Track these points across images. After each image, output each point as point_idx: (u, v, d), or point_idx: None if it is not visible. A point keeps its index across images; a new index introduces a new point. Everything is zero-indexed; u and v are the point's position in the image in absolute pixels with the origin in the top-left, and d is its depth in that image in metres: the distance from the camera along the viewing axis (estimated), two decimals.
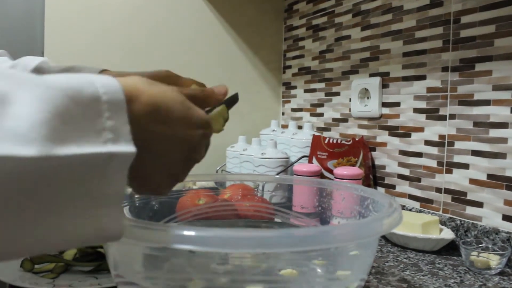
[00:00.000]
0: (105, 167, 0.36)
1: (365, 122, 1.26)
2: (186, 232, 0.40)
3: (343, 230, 0.44)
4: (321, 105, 1.45)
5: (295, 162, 1.26)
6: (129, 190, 0.69)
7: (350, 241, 0.46)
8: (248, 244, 0.40)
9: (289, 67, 1.63)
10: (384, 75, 1.19)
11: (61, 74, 0.37)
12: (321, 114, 1.45)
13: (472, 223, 0.94)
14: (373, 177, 1.22)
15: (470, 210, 0.97)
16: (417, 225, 0.93)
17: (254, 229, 0.75)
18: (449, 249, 0.94)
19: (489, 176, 0.93)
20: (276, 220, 0.83)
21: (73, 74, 0.37)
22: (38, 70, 0.70)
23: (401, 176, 1.14)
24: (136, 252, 0.52)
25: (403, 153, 1.14)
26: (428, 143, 1.07)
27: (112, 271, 0.54)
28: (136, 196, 0.76)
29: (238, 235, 0.40)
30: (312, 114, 1.50)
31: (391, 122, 1.18)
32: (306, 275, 0.49)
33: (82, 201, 0.36)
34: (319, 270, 0.52)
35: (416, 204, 1.10)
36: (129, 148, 0.37)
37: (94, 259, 0.72)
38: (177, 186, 0.93)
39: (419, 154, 1.09)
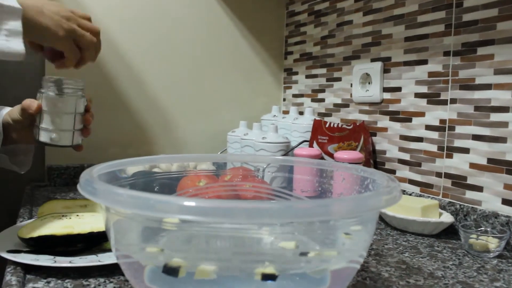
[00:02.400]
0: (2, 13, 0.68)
1: (366, 107, 1.26)
2: (186, 203, 0.41)
3: (342, 204, 0.44)
4: (322, 91, 1.45)
5: (296, 146, 1.26)
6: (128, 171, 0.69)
7: (348, 214, 0.46)
8: (247, 214, 0.40)
9: (291, 53, 1.62)
10: (386, 60, 1.19)
11: None
12: (322, 100, 1.45)
13: (472, 207, 0.95)
14: (373, 162, 1.22)
15: (470, 194, 0.97)
16: (416, 209, 0.93)
17: (253, 201, 0.76)
18: (448, 233, 0.94)
19: (489, 160, 0.93)
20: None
21: None
22: None
23: (402, 161, 1.14)
24: (135, 227, 0.52)
25: (404, 138, 1.14)
26: (428, 127, 1.07)
27: (113, 247, 0.54)
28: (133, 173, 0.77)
29: (239, 205, 0.40)
30: (313, 100, 1.50)
31: (392, 107, 1.17)
32: (303, 249, 0.50)
33: None
34: (317, 247, 0.52)
35: (416, 189, 1.10)
36: (16, 5, 0.70)
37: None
38: (179, 168, 0.93)
39: (419, 139, 1.09)
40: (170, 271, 0.45)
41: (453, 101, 1.00)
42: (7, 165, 0.95)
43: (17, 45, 0.70)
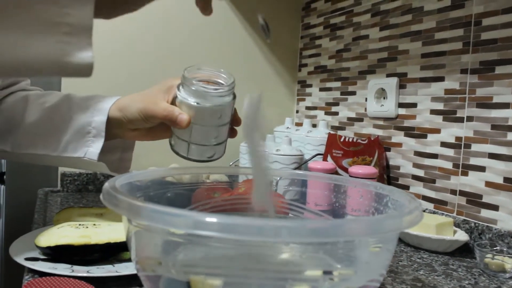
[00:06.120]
0: None
1: (381, 122, 1.26)
2: (208, 219, 0.41)
3: (363, 224, 0.44)
4: (337, 104, 1.45)
5: (310, 159, 1.26)
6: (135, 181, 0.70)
7: (370, 235, 0.46)
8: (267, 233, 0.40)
9: (305, 65, 1.63)
10: (402, 76, 1.19)
11: None
12: (336, 113, 1.45)
13: (487, 226, 0.94)
14: (387, 177, 1.22)
15: (485, 213, 0.96)
16: (431, 226, 0.93)
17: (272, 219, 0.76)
18: (463, 251, 0.94)
19: (506, 179, 0.92)
20: (290, 215, 0.83)
21: None
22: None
23: (416, 177, 1.14)
24: (157, 239, 0.52)
25: (419, 154, 1.13)
26: (444, 144, 1.06)
27: (133, 258, 0.54)
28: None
29: (261, 223, 0.40)
30: (327, 113, 1.50)
31: (407, 123, 1.17)
32: (325, 268, 0.50)
33: (38, 25, 0.45)
34: (338, 266, 0.52)
35: (430, 206, 1.10)
36: None
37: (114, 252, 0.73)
38: (192, 179, 0.94)
39: (434, 156, 1.09)
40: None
41: (470, 119, 1.00)
42: (105, 171, 0.84)
43: (81, 50, 0.47)
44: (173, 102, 0.71)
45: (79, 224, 0.76)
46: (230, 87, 0.68)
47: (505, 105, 0.93)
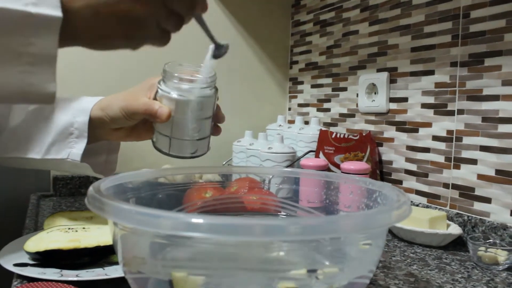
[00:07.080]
0: (25, 27, 0.43)
1: (372, 118, 1.26)
2: (194, 220, 0.40)
3: (352, 220, 0.44)
4: (328, 101, 1.45)
5: (302, 156, 1.25)
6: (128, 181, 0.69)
7: (358, 231, 0.45)
8: (256, 231, 0.40)
9: (296, 62, 1.62)
10: (392, 70, 1.19)
11: None
12: (328, 110, 1.45)
13: (480, 218, 0.94)
14: (380, 172, 1.21)
15: (478, 206, 0.96)
16: (424, 220, 0.92)
17: (261, 218, 0.75)
18: (456, 244, 0.93)
19: (498, 171, 0.92)
20: (283, 213, 0.83)
21: None
22: None
23: (408, 172, 1.14)
24: (143, 242, 0.52)
25: (411, 148, 1.13)
26: (436, 138, 1.06)
27: (120, 261, 0.54)
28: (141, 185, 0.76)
29: (247, 223, 0.40)
30: (319, 110, 1.49)
31: (398, 118, 1.17)
32: (312, 266, 0.49)
33: (1, 55, 0.44)
34: (327, 263, 0.52)
35: (423, 200, 1.09)
36: (54, 12, 0.44)
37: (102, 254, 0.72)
38: (184, 179, 0.93)
39: (426, 150, 1.09)
40: None
41: (460, 112, 1.00)
42: (90, 173, 0.84)
43: (44, 80, 0.47)
44: (155, 99, 0.71)
45: (69, 228, 0.75)
46: (211, 80, 0.69)
47: (495, 97, 0.93)
